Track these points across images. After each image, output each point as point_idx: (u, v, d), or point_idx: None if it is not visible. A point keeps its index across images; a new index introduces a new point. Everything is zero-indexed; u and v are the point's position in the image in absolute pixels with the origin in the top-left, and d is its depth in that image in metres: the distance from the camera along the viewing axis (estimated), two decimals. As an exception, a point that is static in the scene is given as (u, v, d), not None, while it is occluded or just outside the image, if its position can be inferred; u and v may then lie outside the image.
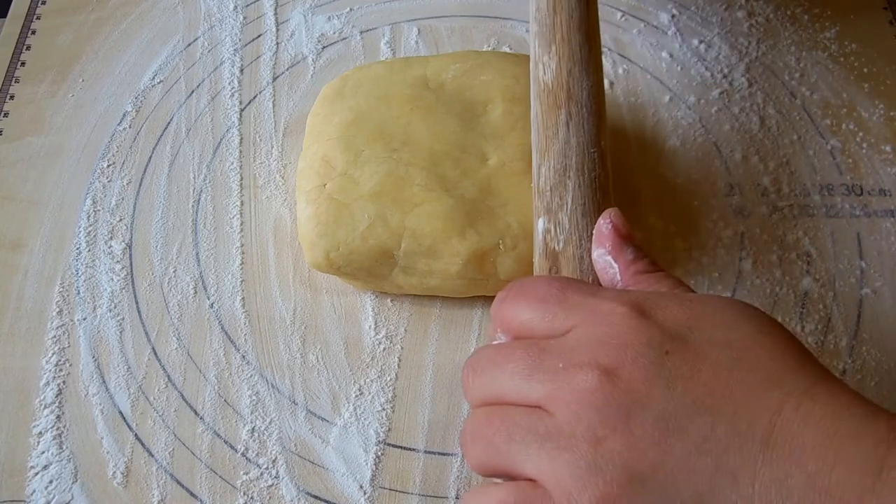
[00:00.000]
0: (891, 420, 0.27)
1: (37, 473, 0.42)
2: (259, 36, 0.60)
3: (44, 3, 0.62)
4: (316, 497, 0.42)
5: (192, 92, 0.57)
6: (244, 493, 0.42)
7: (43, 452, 0.43)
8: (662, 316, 0.30)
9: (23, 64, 0.59)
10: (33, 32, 0.60)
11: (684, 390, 0.28)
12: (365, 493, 0.42)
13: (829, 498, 0.25)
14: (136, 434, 0.43)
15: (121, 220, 0.51)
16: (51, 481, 0.42)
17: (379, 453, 0.43)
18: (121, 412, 0.44)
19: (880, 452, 0.26)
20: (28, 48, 0.60)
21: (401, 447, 0.43)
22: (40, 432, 0.43)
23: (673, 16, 0.61)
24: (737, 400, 0.27)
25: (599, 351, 0.29)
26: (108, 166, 0.53)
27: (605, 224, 0.36)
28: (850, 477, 0.25)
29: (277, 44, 0.60)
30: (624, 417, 0.28)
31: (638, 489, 0.27)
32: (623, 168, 0.53)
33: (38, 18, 0.61)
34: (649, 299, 0.31)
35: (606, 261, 0.35)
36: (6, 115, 0.56)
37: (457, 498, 0.41)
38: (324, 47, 0.59)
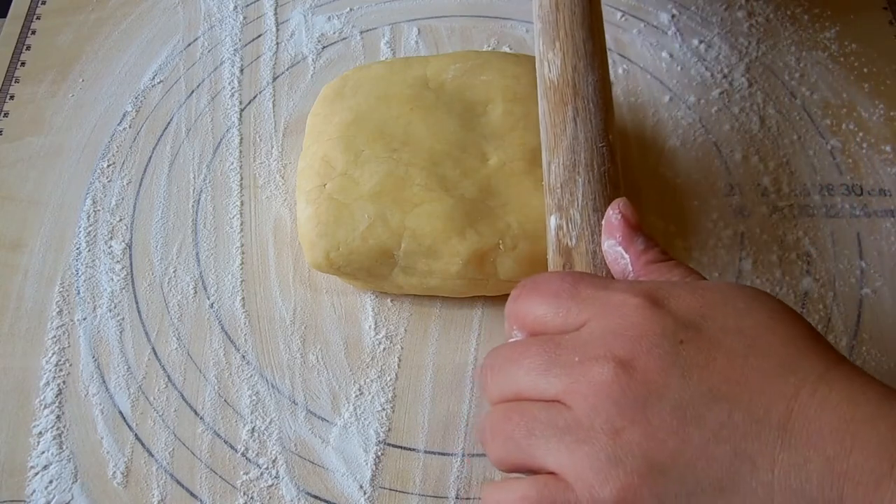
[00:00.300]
0: None
1: (37, 473, 0.42)
2: (259, 36, 0.60)
3: (44, 3, 0.62)
4: (316, 497, 0.42)
5: (192, 92, 0.57)
6: (244, 493, 0.42)
7: (43, 452, 0.43)
8: (675, 305, 0.30)
9: (23, 64, 0.59)
10: (33, 32, 0.60)
11: (700, 379, 0.28)
12: (365, 493, 0.42)
13: (849, 482, 0.26)
14: (136, 434, 0.43)
15: (121, 220, 0.51)
16: (51, 481, 0.42)
17: (379, 453, 0.43)
18: (121, 412, 0.44)
19: None
20: (28, 48, 0.60)
21: (401, 447, 0.43)
22: (40, 432, 0.43)
23: (673, 16, 0.61)
24: (752, 387, 0.27)
25: (614, 343, 0.29)
26: (108, 166, 0.53)
27: (614, 214, 0.36)
28: (867, 461, 0.26)
29: (277, 44, 0.60)
30: (641, 408, 0.28)
31: (658, 478, 0.27)
32: (623, 168, 0.53)
33: (38, 18, 0.61)
34: (661, 289, 0.31)
35: (617, 251, 0.35)
36: (6, 115, 0.56)
37: (457, 498, 0.41)
38: (324, 47, 0.59)
